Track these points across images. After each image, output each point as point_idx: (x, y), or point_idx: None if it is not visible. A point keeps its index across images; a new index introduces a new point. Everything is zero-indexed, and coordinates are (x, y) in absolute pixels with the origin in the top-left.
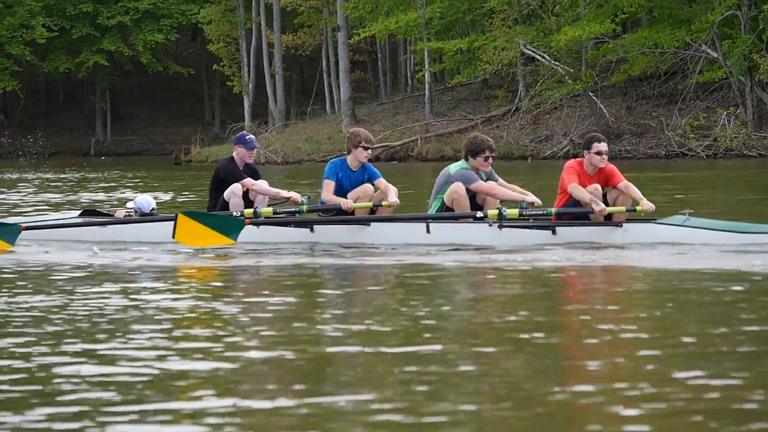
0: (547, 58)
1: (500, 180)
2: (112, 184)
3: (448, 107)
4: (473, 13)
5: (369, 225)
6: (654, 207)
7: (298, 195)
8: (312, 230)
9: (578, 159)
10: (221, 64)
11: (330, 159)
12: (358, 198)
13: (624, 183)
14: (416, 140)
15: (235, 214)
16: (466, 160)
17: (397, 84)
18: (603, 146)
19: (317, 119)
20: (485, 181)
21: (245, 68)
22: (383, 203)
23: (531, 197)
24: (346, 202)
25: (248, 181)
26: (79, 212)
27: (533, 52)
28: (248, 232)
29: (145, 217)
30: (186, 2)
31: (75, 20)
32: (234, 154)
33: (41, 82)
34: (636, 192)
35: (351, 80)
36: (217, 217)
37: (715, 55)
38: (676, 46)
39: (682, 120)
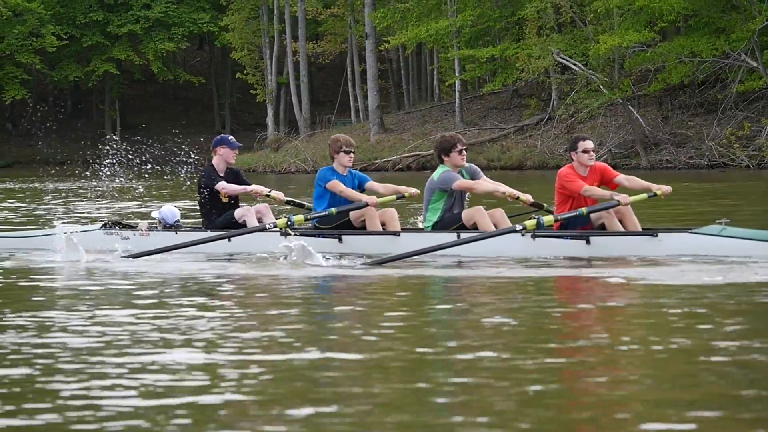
0: (581, 66)
1: (483, 177)
2: (167, 194)
3: (478, 116)
4: (504, 21)
5: (399, 236)
6: (671, 189)
7: (261, 188)
8: (340, 241)
9: (569, 165)
10: (244, 72)
11: (360, 168)
12: (362, 215)
13: (622, 176)
14: None
15: (268, 226)
16: (441, 161)
17: (419, 92)
18: (589, 144)
19: (343, 127)
20: (470, 179)
21: (269, 76)
22: (405, 194)
23: (505, 188)
24: (370, 199)
25: (220, 185)
26: (101, 224)
27: (567, 60)
28: (275, 244)
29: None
30: (197, 11)
31: (85, 29)
32: (214, 158)
33: (49, 90)
34: (641, 181)
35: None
36: None
37: (755, 64)
38: (714, 55)
39: (723, 130)
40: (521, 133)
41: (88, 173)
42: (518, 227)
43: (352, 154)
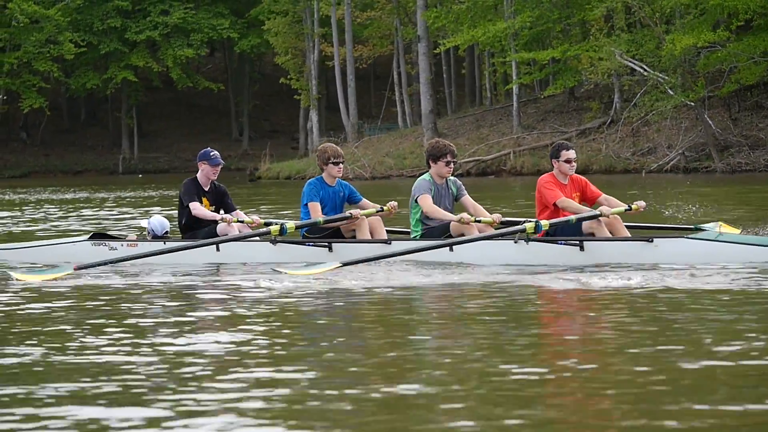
0: (645, 68)
1: (466, 197)
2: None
3: (535, 120)
4: (564, 22)
5: (390, 243)
6: (645, 204)
7: (230, 217)
8: (330, 250)
9: (550, 173)
10: (288, 77)
11: (418, 174)
12: (352, 225)
13: (604, 196)
14: (508, 154)
15: (262, 230)
16: (428, 165)
17: (460, 96)
18: (571, 153)
19: (393, 132)
20: (455, 195)
21: (313, 81)
22: (384, 208)
23: (459, 216)
24: (355, 212)
25: (193, 205)
26: (88, 236)
27: (630, 62)
28: (265, 252)
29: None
30: (215, 16)
31: (102, 35)
32: (199, 172)
33: (63, 99)
34: (617, 201)
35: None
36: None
37: None
38: None
39: None
40: (584, 136)
41: None
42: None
43: (341, 165)
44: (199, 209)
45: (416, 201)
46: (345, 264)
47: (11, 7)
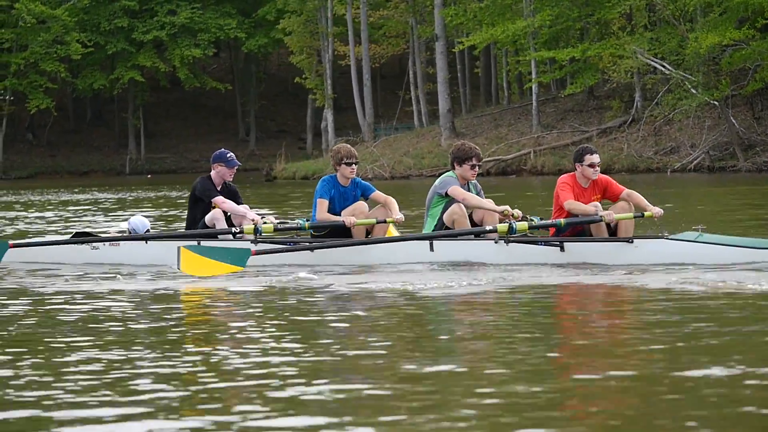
0: (666, 66)
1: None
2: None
3: (555, 119)
4: (583, 20)
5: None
6: (662, 211)
7: (258, 217)
8: (312, 251)
9: (571, 173)
10: (303, 77)
11: (439, 174)
12: (354, 216)
13: (626, 192)
14: (528, 153)
15: (234, 230)
16: (453, 168)
17: (477, 95)
18: (595, 158)
19: (409, 132)
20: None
21: (328, 81)
22: (387, 219)
23: (493, 206)
24: (348, 220)
25: (219, 199)
26: (71, 234)
27: (651, 60)
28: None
29: (133, 235)
30: (223, 16)
31: (109, 36)
32: (212, 172)
33: (69, 99)
34: (641, 198)
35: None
36: (222, 249)
37: None
38: None
39: None
40: (604, 135)
41: None
42: (488, 227)
43: (354, 166)
44: (228, 202)
45: (444, 195)
46: (258, 253)
47: (18, 7)
